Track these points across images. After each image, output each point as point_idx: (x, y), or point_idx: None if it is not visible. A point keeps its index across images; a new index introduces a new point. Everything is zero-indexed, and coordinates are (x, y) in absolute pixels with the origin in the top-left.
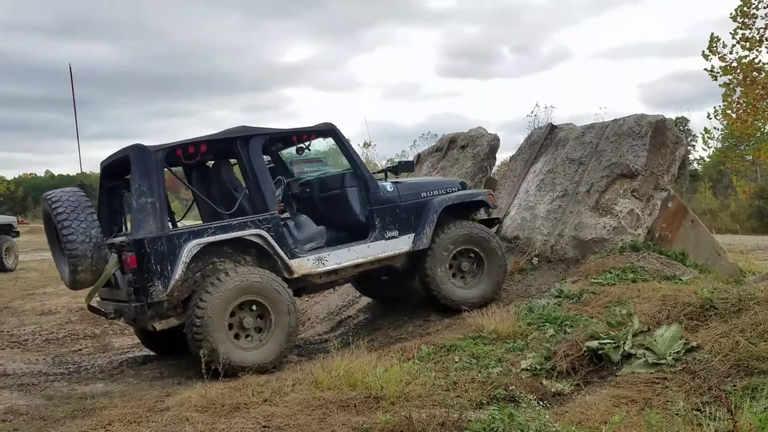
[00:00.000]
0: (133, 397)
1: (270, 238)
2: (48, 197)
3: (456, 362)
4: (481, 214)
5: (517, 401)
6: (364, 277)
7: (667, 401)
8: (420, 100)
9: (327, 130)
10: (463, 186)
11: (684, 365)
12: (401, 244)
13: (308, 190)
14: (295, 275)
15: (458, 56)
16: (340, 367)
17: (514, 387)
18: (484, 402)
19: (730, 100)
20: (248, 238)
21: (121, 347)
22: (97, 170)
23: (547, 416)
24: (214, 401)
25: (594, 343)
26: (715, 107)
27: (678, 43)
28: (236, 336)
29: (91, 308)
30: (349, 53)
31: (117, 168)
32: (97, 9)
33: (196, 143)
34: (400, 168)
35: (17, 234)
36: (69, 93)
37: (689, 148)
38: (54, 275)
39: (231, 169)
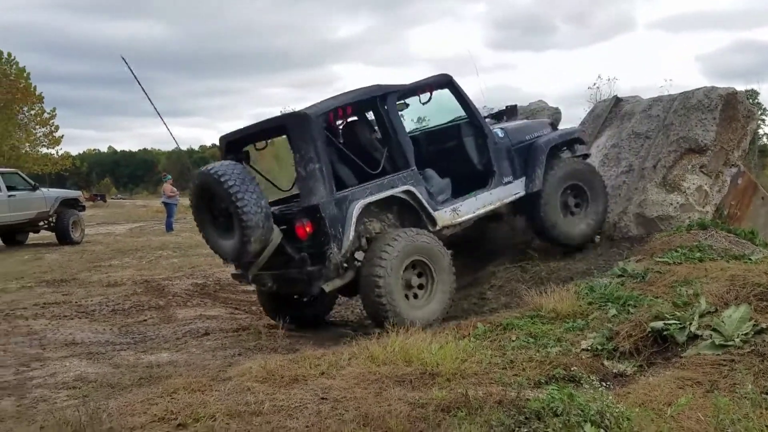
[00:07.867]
0: (197, 367)
1: (417, 193)
2: (212, 171)
3: (513, 341)
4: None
5: (577, 381)
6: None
7: (735, 384)
8: (471, 74)
9: (445, 82)
10: (553, 126)
11: (753, 347)
12: (516, 189)
13: (420, 143)
14: (438, 227)
15: (508, 28)
16: (396, 343)
17: (574, 367)
18: (543, 381)
19: None
20: (397, 195)
21: (185, 318)
22: (158, 147)
23: (609, 397)
24: (274, 373)
25: (659, 324)
26: None
27: (738, 13)
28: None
29: (248, 279)
30: (398, 28)
31: (240, 142)
32: None
33: (343, 105)
34: (507, 112)
35: (83, 208)
36: (127, 72)
37: (759, 122)
38: (118, 248)
39: (369, 130)
